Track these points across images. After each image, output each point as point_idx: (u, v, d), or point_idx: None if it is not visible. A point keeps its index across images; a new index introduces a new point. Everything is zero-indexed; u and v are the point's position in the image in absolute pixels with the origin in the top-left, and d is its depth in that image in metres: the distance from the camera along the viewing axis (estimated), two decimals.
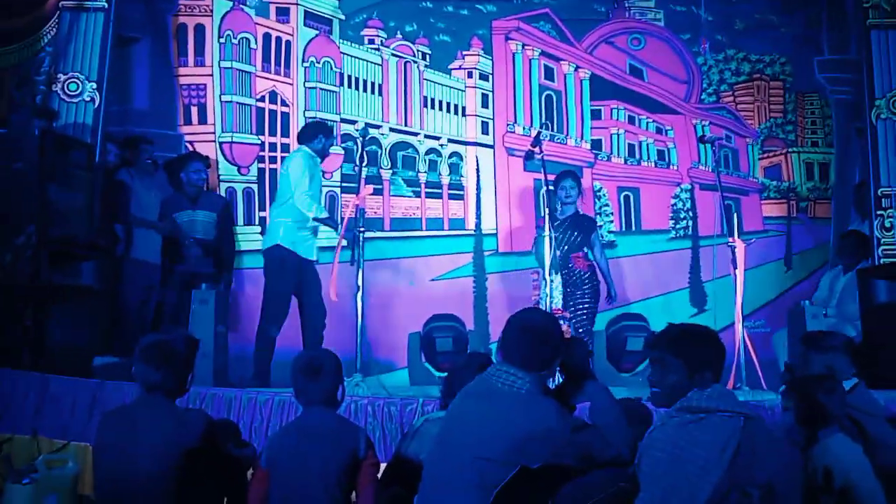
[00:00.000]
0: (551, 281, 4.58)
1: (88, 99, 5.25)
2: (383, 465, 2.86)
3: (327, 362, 2.75)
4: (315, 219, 4.86)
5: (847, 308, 5.06)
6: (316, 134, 5.15)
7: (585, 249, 5.31)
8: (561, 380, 2.62)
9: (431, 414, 3.14)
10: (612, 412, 2.45)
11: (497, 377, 2.38)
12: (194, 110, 6.16)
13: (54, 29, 5.41)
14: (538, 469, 2.25)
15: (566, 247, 5.23)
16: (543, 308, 4.50)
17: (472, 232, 6.46)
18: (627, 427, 2.43)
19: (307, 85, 6.36)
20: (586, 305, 5.15)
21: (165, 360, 2.71)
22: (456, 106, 6.64)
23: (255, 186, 6.20)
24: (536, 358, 2.38)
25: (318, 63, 6.39)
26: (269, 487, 2.63)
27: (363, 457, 2.64)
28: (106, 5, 5.38)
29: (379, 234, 5.56)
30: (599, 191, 6.60)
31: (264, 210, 6.15)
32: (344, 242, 4.60)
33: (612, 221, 6.53)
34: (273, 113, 6.29)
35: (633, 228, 6.63)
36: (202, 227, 5.40)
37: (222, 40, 6.22)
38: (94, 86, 5.27)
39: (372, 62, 6.53)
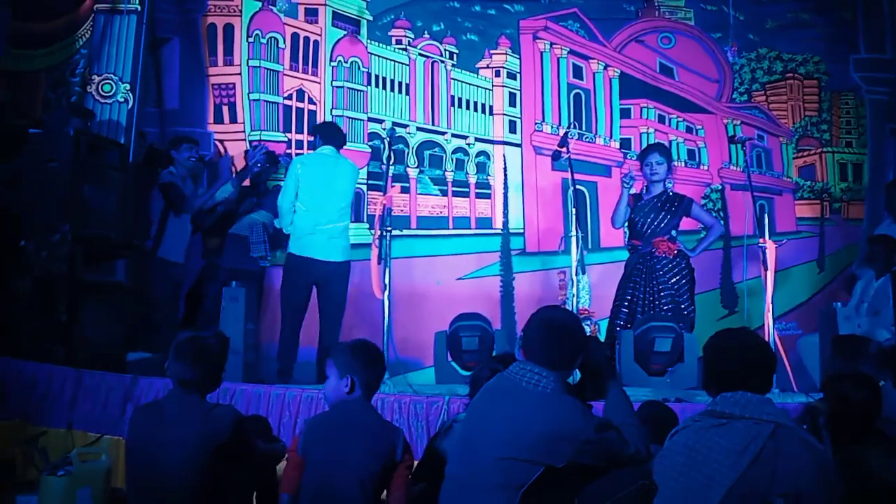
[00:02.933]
0: (578, 281, 4.55)
1: (122, 100, 5.34)
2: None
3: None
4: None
5: (881, 312, 4.97)
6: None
7: (674, 233, 4.91)
8: (579, 377, 2.62)
9: (460, 415, 3.14)
10: (626, 410, 2.45)
11: (521, 375, 2.37)
12: (224, 109, 6.24)
13: (89, 31, 5.51)
14: (563, 468, 2.24)
15: (648, 230, 4.90)
16: (570, 308, 4.48)
17: (500, 231, 6.46)
18: (641, 425, 2.43)
19: (335, 84, 6.41)
20: (674, 292, 4.80)
21: (200, 358, 2.74)
22: (483, 105, 6.64)
23: (281, 184, 6.26)
24: (559, 356, 2.38)
25: (346, 63, 6.43)
26: (302, 474, 2.62)
27: (400, 460, 2.64)
28: (139, 8, 5.47)
29: (406, 232, 5.57)
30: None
31: None
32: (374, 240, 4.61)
33: None
34: (300, 111, 6.34)
35: None
36: (260, 224, 5.45)
37: (251, 40, 6.28)
38: (128, 87, 5.36)
39: (399, 62, 6.55)
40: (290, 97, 6.33)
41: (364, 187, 6.35)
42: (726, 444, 2.17)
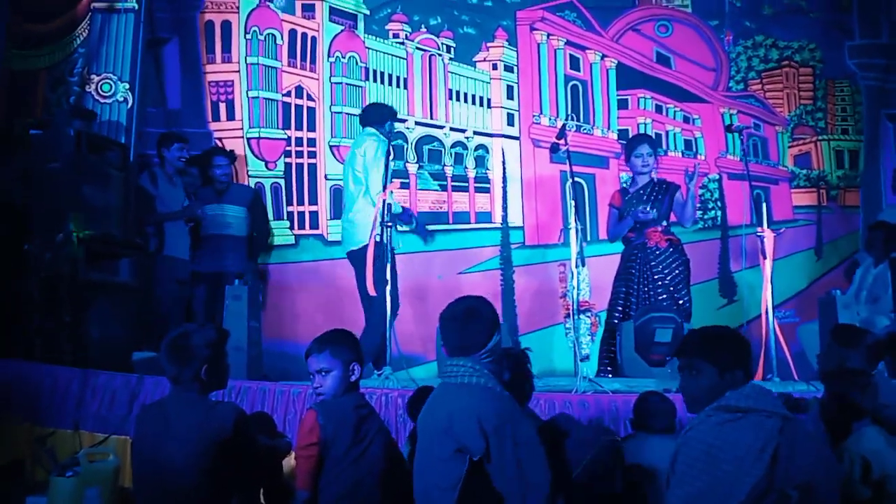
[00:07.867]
0: (578, 273, 4.57)
1: (122, 99, 5.35)
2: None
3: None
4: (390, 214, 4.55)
5: (880, 299, 5.00)
6: (385, 118, 5.00)
7: (665, 222, 4.90)
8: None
9: None
10: None
11: (446, 373, 2.45)
12: (222, 107, 6.22)
13: (87, 30, 5.51)
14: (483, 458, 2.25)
15: (640, 222, 4.86)
16: (570, 301, 4.50)
17: (499, 225, 6.48)
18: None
19: (333, 80, 6.41)
20: (669, 284, 4.75)
21: (178, 354, 2.74)
22: (481, 98, 6.64)
23: (282, 181, 6.26)
24: (467, 340, 2.42)
25: (344, 58, 6.43)
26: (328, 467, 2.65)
27: None
28: (136, 6, 5.47)
29: (406, 228, 5.58)
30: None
31: (292, 205, 6.23)
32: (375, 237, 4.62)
33: None
34: (299, 108, 6.34)
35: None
36: (232, 222, 5.46)
37: (249, 37, 6.27)
38: (127, 86, 5.36)
39: (397, 56, 6.55)
40: (288, 94, 6.34)
41: None
42: (746, 439, 2.21)
